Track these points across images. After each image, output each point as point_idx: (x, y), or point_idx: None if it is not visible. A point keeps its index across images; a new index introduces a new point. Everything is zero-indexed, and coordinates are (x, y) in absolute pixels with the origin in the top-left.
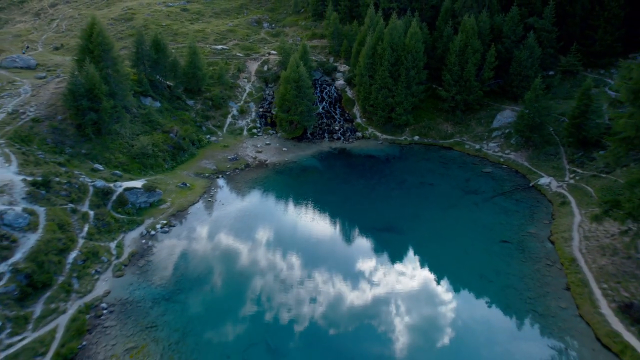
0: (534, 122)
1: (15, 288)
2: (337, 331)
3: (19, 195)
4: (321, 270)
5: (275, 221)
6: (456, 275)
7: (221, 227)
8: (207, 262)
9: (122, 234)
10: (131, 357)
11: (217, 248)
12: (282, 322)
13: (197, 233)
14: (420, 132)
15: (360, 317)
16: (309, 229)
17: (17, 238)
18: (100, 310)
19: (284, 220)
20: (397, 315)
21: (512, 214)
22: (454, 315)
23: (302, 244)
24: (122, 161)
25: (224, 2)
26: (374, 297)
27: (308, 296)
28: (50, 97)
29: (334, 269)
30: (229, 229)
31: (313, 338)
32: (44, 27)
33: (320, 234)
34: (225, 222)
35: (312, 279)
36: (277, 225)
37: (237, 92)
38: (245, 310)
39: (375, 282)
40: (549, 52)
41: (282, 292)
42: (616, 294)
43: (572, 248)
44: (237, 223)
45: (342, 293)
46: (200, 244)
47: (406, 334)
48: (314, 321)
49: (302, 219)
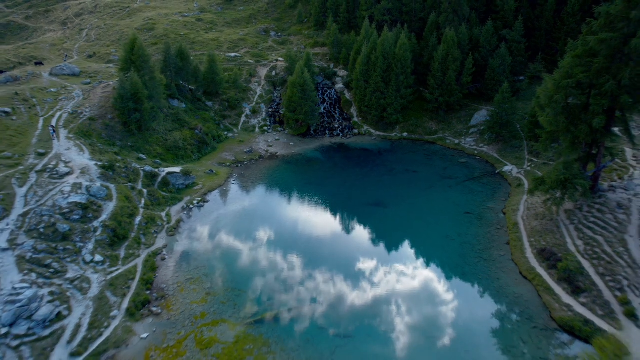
0: (503, 120)
1: (107, 237)
2: (334, 256)
3: (95, 175)
4: (322, 228)
5: (286, 198)
6: (428, 235)
7: (243, 202)
8: (233, 225)
9: (168, 207)
10: (190, 283)
11: (241, 216)
12: (289, 257)
13: (225, 206)
14: (409, 129)
15: (355, 252)
16: (314, 204)
17: (101, 204)
18: (163, 256)
19: (294, 197)
20: (383, 255)
21: (478, 193)
22: (424, 259)
23: (307, 214)
24: (159, 152)
25: (235, 13)
26: (365, 246)
27: (308, 238)
28: (100, 99)
29: (332, 228)
30: (249, 203)
31: (311, 259)
32: (75, 36)
33: (322, 207)
34: (245, 198)
35: (314, 231)
36: (287, 201)
37: (249, 95)
38: (260, 252)
39: (366, 238)
40: (519, 60)
41: (289, 241)
42: (537, 243)
43: (517, 216)
44: (255, 199)
45: (340, 240)
46: (227, 213)
47: (392, 265)
48: (313, 250)
49: (308, 196)
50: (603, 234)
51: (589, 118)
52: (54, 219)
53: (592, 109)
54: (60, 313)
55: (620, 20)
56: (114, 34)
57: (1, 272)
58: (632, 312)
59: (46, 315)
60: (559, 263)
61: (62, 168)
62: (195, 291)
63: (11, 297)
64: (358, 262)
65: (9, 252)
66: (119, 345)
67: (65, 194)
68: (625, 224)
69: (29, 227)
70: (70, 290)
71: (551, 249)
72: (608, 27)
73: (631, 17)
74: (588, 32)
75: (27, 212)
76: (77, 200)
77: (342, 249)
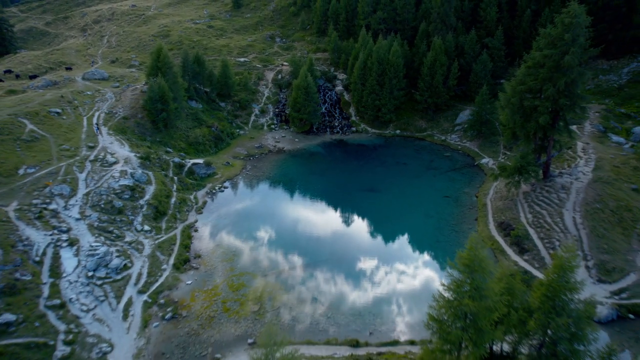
0: (483, 119)
1: (151, 213)
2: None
3: (136, 164)
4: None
5: (292, 185)
6: (412, 214)
7: (256, 188)
8: (249, 206)
9: (194, 191)
10: (219, 247)
11: (255, 198)
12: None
13: (242, 191)
14: (401, 127)
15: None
16: (316, 189)
17: (144, 187)
18: (196, 228)
19: (299, 184)
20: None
21: (457, 181)
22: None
23: (310, 197)
24: (183, 147)
25: (242, 20)
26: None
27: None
28: (130, 101)
29: (332, 208)
30: (261, 188)
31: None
32: (97, 42)
33: (323, 192)
34: (258, 185)
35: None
36: (294, 187)
37: (258, 96)
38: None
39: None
40: (500, 65)
41: (296, 217)
42: (498, 218)
43: (487, 198)
44: (266, 186)
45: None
46: (244, 196)
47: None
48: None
49: (311, 184)
50: (547, 208)
51: (538, 117)
52: (110, 197)
53: (540, 110)
54: (126, 265)
55: (558, 40)
56: (132, 40)
57: (79, 235)
58: None
59: (117, 265)
60: (512, 231)
61: (110, 158)
62: (223, 253)
63: (91, 251)
64: (353, 233)
65: (81, 221)
66: (171, 287)
67: (116, 178)
68: (565, 201)
69: (92, 203)
70: (130, 250)
71: (508, 221)
72: (550, 45)
73: (565, 38)
74: (536, 48)
75: (89, 192)
76: (126, 183)
77: (340, 223)
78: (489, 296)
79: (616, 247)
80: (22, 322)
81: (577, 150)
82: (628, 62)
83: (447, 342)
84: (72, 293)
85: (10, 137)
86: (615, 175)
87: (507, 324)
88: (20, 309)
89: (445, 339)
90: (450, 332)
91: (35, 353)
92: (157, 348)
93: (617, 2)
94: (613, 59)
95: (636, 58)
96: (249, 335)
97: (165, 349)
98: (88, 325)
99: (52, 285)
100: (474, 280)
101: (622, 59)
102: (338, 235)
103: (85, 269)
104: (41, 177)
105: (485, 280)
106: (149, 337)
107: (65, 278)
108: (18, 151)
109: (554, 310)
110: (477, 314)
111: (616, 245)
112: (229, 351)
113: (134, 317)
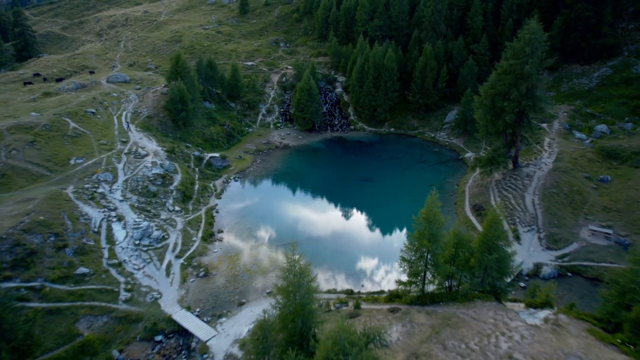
0: (468, 118)
1: (180, 196)
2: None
3: (163, 156)
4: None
5: (297, 176)
6: (401, 199)
7: (266, 178)
8: (260, 192)
9: (213, 180)
10: (238, 225)
11: (265, 186)
12: (301, 210)
13: (253, 180)
14: (395, 125)
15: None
16: (318, 180)
17: (172, 176)
18: (217, 209)
19: (303, 175)
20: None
21: (442, 172)
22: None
23: (313, 187)
24: (199, 142)
25: (248, 25)
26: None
27: (315, 201)
28: (152, 102)
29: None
30: (270, 178)
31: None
32: (114, 47)
33: (324, 181)
34: (268, 175)
35: (318, 196)
36: (298, 178)
37: (264, 97)
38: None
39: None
40: (484, 69)
41: (301, 202)
42: (473, 202)
43: (466, 186)
44: (274, 176)
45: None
46: (256, 185)
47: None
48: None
49: (314, 174)
50: (512, 193)
51: (505, 116)
52: (146, 183)
53: (507, 110)
54: (164, 236)
55: (520, 52)
56: (147, 45)
57: (124, 212)
58: (517, 236)
59: (157, 236)
60: (482, 212)
61: (141, 151)
62: (242, 230)
63: (135, 225)
64: (350, 215)
65: (124, 202)
66: (201, 254)
67: (149, 168)
68: (527, 186)
69: (131, 188)
70: (165, 225)
71: (480, 204)
72: (514, 56)
73: (525, 50)
74: (504, 58)
75: (127, 179)
76: (158, 172)
77: (339, 207)
78: (441, 240)
79: (565, 222)
80: (93, 274)
81: (544, 145)
82: (598, 67)
83: (414, 275)
84: (125, 256)
85: (59, 134)
86: (572, 165)
87: (457, 263)
88: (90, 265)
89: (413, 274)
90: (416, 268)
91: (106, 296)
92: (195, 296)
93: (587, 14)
94: (586, 64)
95: (605, 63)
96: (267, 287)
97: (201, 297)
98: (140, 279)
99: (109, 249)
100: (431, 229)
101: (593, 64)
102: (337, 217)
103: (132, 238)
104: (88, 166)
105: (439, 229)
106: (188, 289)
107: (118, 245)
108: (67, 145)
109: (487, 250)
110: (434, 253)
111: (565, 221)
112: (252, 298)
113: (175, 275)
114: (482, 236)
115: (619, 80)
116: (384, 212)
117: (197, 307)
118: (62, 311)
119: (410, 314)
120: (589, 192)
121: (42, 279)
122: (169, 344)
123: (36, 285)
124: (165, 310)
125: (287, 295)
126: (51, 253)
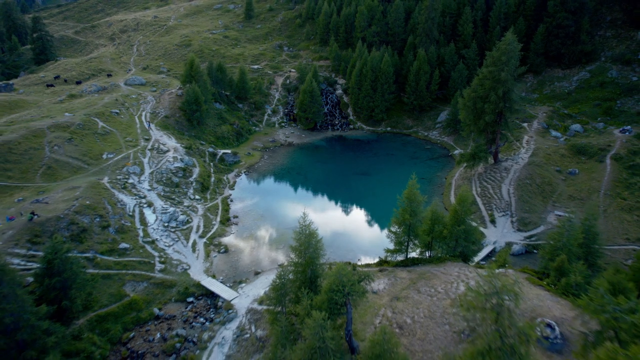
0: (457, 117)
1: (199, 187)
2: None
3: (183, 152)
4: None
5: (301, 170)
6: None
7: (273, 171)
8: (268, 183)
9: (226, 174)
10: (250, 211)
11: (273, 179)
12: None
13: (262, 173)
14: (391, 125)
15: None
16: (320, 174)
17: (191, 169)
18: (231, 198)
19: (306, 170)
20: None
21: (433, 167)
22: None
23: (315, 180)
24: (212, 140)
25: (254, 30)
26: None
27: (317, 193)
28: (169, 103)
29: (332, 187)
30: (277, 172)
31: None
32: (127, 51)
33: (325, 175)
34: (275, 169)
35: (319, 189)
36: (302, 172)
37: (270, 99)
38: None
39: (354, 192)
40: (474, 73)
41: (304, 193)
42: (458, 191)
43: (453, 179)
44: (280, 170)
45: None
46: (264, 177)
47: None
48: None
49: (316, 169)
50: (491, 183)
51: (485, 116)
52: (169, 175)
53: (486, 111)
54: (188, 220)
55: (497, 61)
56: (159, 49)
57: (153, 200)
58: (493, 220)
59: (183, 219)
60: None
61: (163, 147)
62: (253, 215)
63: (163, 210)
64: (349, 204)
65: (152, 191)
66: (221, 235)
67: (171, 162)
68: (505, 178)
69: (157, 179)
70: (189, 211)
71: None
72: (493, 64)
73: (502, 59)
74: (484, 65)
75: (153, 172)
76: (179, 165)
77: (339, 198)
78: (420, 215)
79: (535, 208)
80: (132, 249)
81: (522, 142)
82: (578, 72)
83: (399, 244)
84: (156, 235)
85: (90, 132)
86: (545, 160)
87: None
88: (129, 241)
89: (398, 242)
90: (400, 237)
91: (144, 266)
92: (217, 268)
93: (567, 22)
94: (567, 69)
95: (584, 68)
96: (278, 261)
97: (223, 268)
98: (171, 254)
99: (143, 230)
100: (411, 206)
101: (573, 68)
102: (337, 206)
103: (161, 221)
104: (119, 160)
105: (418, 206)
106: (212, 262)
107: (150, 226)
108: (98, 142)
109: (457, 223)
110: (414, 225)
111: (535, 208)
112: (266, 268)
113: (199, 251)
114: (453, 212)
115: (595, 83)
116: (378, 201)
117: (220, 276)
118: (111, 277)
119: (394, 272)
120: (558, 183)
121: (93, 251)
122: (199, 303)
123: (89, 255)
124: (194, 277)
125: (299, 252)
126: (98, 231)
